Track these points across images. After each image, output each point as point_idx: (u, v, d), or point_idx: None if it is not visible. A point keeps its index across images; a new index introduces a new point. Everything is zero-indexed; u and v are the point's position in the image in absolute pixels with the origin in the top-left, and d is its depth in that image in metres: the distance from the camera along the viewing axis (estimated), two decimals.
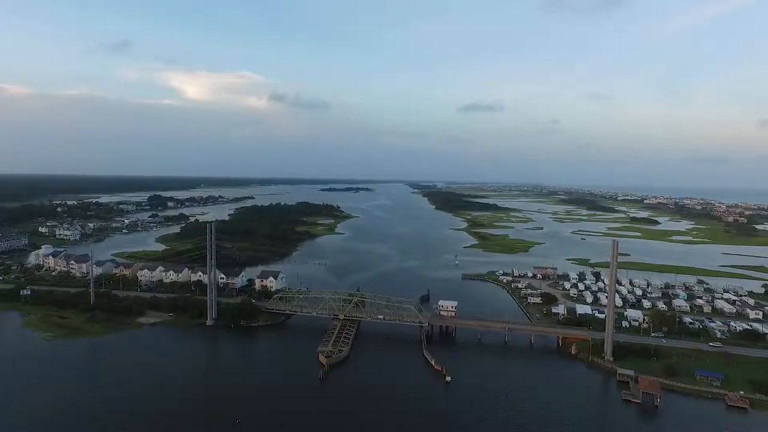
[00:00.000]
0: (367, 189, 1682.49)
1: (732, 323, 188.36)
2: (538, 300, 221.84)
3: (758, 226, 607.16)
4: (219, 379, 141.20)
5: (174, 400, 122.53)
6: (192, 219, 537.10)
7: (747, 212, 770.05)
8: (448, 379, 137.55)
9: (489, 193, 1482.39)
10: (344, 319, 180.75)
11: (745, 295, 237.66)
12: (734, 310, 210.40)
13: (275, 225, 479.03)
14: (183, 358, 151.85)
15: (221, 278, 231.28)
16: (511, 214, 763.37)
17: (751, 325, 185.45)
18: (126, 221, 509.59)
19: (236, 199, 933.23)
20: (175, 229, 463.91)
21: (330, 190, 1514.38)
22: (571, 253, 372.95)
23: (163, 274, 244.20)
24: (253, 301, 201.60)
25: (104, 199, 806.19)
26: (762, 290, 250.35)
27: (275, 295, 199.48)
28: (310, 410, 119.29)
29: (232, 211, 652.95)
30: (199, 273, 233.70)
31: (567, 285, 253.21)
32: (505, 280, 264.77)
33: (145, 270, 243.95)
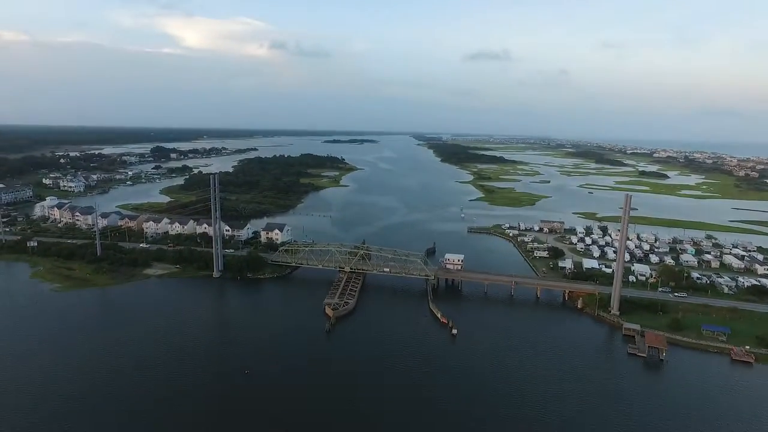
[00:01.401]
0: (372, 141, 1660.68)
1: (740, 279, 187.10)
2: (544, 254, 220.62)
3: None
4: (227, 330, 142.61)
5: (183, 351, 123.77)
6: (195, 171, 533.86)
7: (759, 166, 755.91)
8: (455, 332, 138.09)
9: (495, 146, 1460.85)
10: (350, 271, 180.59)
11: (755, 251, 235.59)
12: (743, 266, 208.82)
13: (279, 177, 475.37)
14: (191, 310, 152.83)
15: (226, 230, 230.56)
16: (518, 167, 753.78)
17: (759, 281, 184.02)
18: (129, 173, 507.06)
19: (239, 151, 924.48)
20: (179, 180, 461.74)
21: (334, 141, 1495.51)
22: (578, 207, 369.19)
23: (169, 226, 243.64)
24: (259, 253, 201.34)
25: (107, 150, 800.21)
26: None
27: (281, 248, 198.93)
28: (317, 361, 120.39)
29: (235, 163, 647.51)
30: (205, 225, 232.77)
31: (574, 239, 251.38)
32: (511, 234, 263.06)
33: (151, 222, 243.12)
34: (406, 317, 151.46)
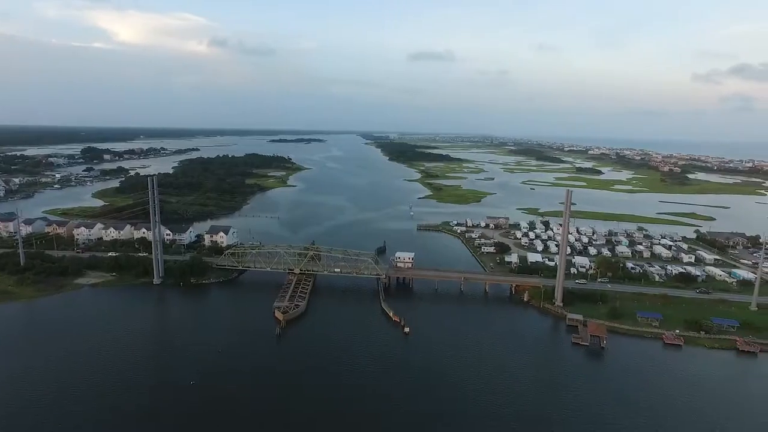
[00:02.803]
0: (319, 140, 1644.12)
1: (669, 267, 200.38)
2: (491, 249, 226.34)
3: (690, 176, 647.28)
4: (170, 339, 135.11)
5: (121, 364, 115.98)
6: (132, 172, 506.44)
7: (681, 162, 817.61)
8: (407, 330, 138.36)
9: (441, 144, 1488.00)
10: (300, 273, 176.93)
11: (680, 241, 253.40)
12: (670, 255, 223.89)
13: (223, 178, 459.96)
14: (129, 320, 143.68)
15: (167, 235, 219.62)
16: (464, 164, 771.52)
17: (685, 269, 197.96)
18: (57, 175, 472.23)
19: (180, 151, 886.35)
20: (114, 183, 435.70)
21: (280, 141, 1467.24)
22: (521, 203, 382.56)
23: (103, 231, 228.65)
24: (203, 257, 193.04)
25: (30, 151, 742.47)
26: (694, 236, 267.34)
27: (226, 251, 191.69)
28: (267, 368, 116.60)
29: (176, 164, 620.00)
30: (143, 229, 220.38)
31: (518, 234, 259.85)
32: (459, 231, 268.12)
33: (82, 228, 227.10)
34: (359, 317, 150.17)
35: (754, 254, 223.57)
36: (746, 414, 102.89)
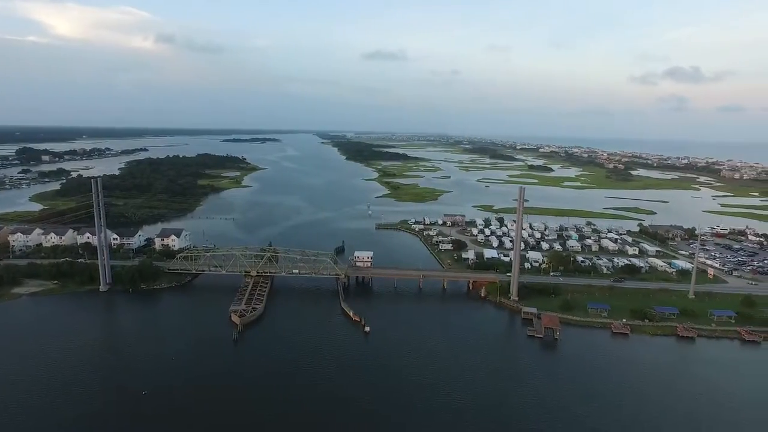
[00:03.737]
0: (275, 140, 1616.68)
1: (615, 259, 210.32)
2: (449, 247, 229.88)
3: (633, 172, 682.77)
4: (119, 348, 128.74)
5: (66, 377, 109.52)
6: (74, 174, 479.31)
7: (624, 159, 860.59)
8: (367, 329, 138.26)
9: (398, 143, 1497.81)
10: (257, 275, 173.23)
11: (625, 234, 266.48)
12: (617, 248, 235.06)
13: (174, 179, 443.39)
14: (74, 329, 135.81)
15: (114, 239, 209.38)
16: (420, 163, 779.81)
17: (630, 261, 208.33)
18: None
19: (127, 152, 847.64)
20: (54, 185, 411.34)
21: (234, 141, 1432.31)
22: (477, 200, 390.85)
23: (42, 237, 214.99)
24: (154, 262, 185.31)
25: None
26: (637, 229, 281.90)
27: (179, 255, 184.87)
28: (224, 374, 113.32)
29: (122, 165, 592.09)
30: (87, 234, 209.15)
31: (475, 231, 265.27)
32: (417, 229, 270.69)
33: (18, 234, 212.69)
34: (318, 318, 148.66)
35: (691, 245, 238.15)
36: (688, 395, 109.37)
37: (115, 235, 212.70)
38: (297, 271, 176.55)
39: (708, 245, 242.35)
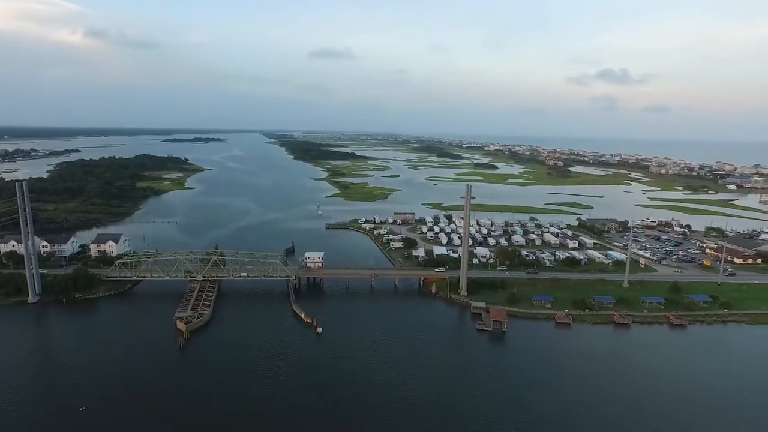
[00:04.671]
0: (219, 140, 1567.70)
1: (557, 253, 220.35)
2: (399, 245, 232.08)
3: (571, 169, 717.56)
4: (53, 363, 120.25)
5: None
6: None
7: (563, 157, 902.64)
8: (319, 330, 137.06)
9: (347, 142, 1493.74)
10: (203, 280, 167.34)
11: (565, 228, 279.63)
12: (558, 242, 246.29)
13: (110, 182, 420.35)
14: (0, 347, 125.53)
15: (43, 246, 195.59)
16: (370, 162, 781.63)
17: (570, 253, 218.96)
18: None
19: (56, 153, 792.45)
20: None
21: (175, 141, 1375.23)
22: (426, 198, 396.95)
23: None
24: (90, 269, 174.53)
25: None
26: (576, 223, 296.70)
27: (117, 261, 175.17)
28: (170, 384, 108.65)
29: (51, 167, 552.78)
30: (12, 242, 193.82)
31: (424, 229, 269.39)
32: (367, 228, 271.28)
33: None
34: (269, 321, 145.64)
35: (624, 237, 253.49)
36: (625, 378, 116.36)
37: (45, 242, 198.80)
38: (245, 274, 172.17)
39: (639, 237, 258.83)
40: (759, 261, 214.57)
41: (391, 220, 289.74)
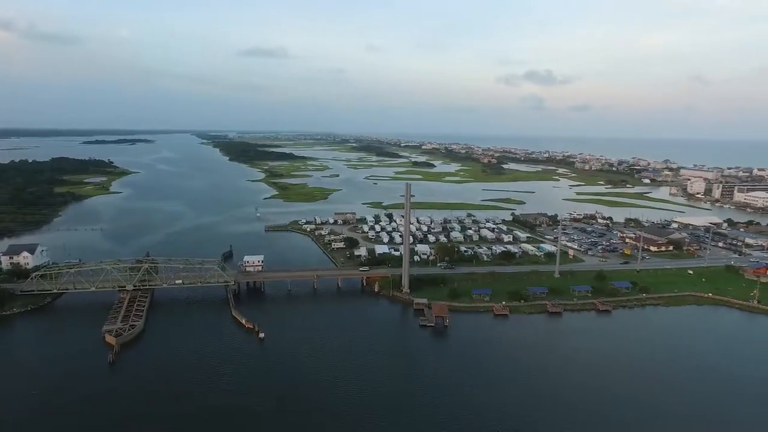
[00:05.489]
0: (147, 141, 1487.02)
1: (494, 247, 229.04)
2: (341, 245, 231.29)
3: (505, 166, 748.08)
4: None
5: None
6: None
7: (496, 154, 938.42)
8: (262, 335, 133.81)
9: (284, 143, 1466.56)
10: (134, 289, 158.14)
11: (500, 223, 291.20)
12: (494, 237, 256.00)
13: (22, 187, 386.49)
14: None
15: None
16: (308, 162, 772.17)
17: (506, 247, 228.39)
18: None
19: None
20: None
21: (97, 142, 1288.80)
22: (366, 198, 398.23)
23: None
24: (1, 284, 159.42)
25: None
26: (510, 218, 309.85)
27: (35, 273, 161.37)
28: (100, 401, 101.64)
29: None
30: None
31: (366, 228, 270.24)
32: (308, 229, 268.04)
33: None
34: (208, 329, 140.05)
35: (554, 230, 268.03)
36: (559, 362, 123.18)
37: None
38: (180, 281, 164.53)
39: (568, 229, 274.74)
40: (671, 248, 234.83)
41: (332, 221, 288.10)
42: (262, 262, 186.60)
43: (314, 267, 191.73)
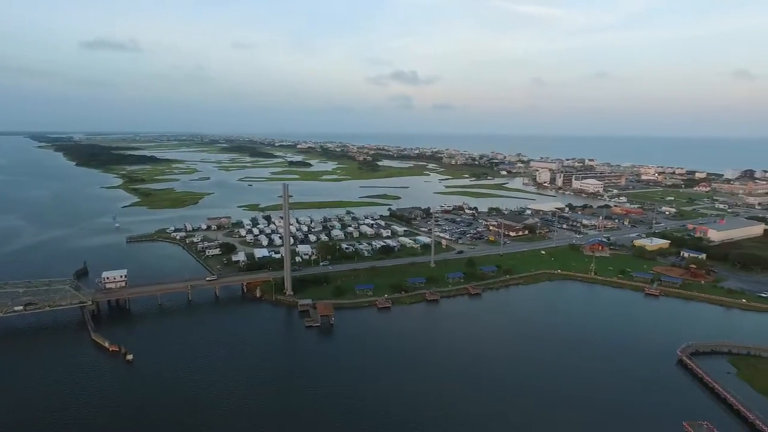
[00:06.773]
0: None
1: (374, 242, 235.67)
2: (216, 251, 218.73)
3: (379, 163, 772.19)
4: None
5: None
6: None
7: (371, 152, 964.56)
8: (130, 357, 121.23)
9: (144, 145, 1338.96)
10: None
11: (378, 219, 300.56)
12: (373, 232, 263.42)
13: None
14: None
15: None
16: (174, 165, 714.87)
17: (385, 242, 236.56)
18: None
19: None
20: None
21: None
22: (241, 200, 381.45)
23: None
24: None
25: None
26: (388, 213, 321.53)
27: None
28: None
29: None
30: None
31: (243, 232, 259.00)
32: (178, 237, 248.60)
33: None
34: (61, 360, 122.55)
35: (428, 222, 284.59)
36: (438, 346, 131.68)
37: None
38: (21, 307, 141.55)
39: (440, 221, 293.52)
40: (527, 232, 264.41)
41: (204, 226, 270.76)
42: (125, 276, 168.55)
43: (188, 277, 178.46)
